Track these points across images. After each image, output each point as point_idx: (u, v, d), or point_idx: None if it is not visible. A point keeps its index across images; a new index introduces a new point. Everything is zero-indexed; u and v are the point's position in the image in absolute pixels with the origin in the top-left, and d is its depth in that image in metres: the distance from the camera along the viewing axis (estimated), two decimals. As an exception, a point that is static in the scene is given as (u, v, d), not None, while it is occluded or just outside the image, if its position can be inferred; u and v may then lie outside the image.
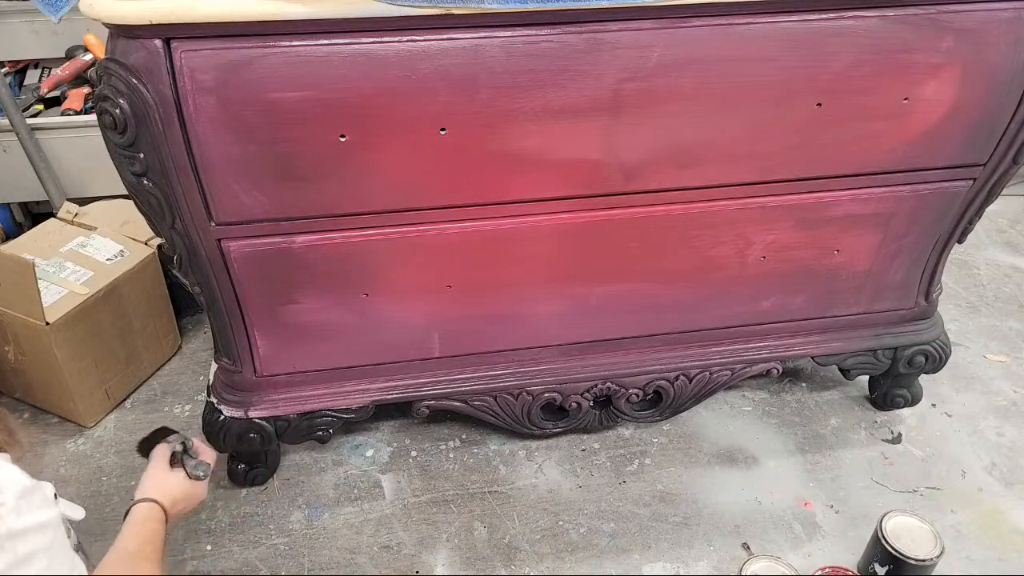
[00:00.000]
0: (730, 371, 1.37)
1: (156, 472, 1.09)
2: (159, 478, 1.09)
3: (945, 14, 1.02)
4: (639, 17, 0.95)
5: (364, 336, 1.21)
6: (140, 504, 1.03)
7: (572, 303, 1.25)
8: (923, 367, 1.44)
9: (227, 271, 1.08)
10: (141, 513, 1.02)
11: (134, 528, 0.99)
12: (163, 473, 1.09)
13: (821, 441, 1.47)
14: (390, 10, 0.88)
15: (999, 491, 1.38)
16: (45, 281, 1.41)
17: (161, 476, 1.09)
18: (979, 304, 1.82)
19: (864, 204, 1.21)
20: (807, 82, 1.05)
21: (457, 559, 1.26)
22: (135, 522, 1.01)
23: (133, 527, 1.00)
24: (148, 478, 1.08)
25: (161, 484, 1.08)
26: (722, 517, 1.32)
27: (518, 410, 1.34)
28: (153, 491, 1.06)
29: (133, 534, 0.98)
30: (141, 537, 0.98)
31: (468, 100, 0.97)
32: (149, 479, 1.08)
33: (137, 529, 0.99)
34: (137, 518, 1.01)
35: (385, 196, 1.05)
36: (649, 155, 1.08)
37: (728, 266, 1.24)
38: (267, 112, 0.93)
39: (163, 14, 0.84)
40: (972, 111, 1.12)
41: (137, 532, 0.98)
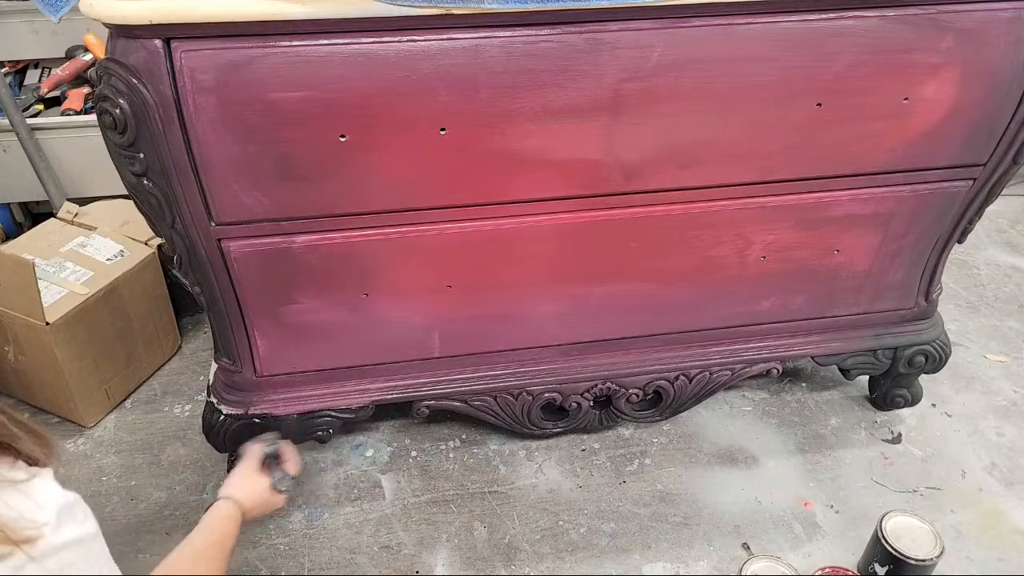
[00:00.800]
0: (730, 371, 1.37)
1: (245, 472, 1.11)
2: (246, 479, 1.10)
3: (945, 14, 1.02)
4: (639, 17, 0.95)
5: (364, 336, 1.21)
6: (222, 502, 1.04)
7: (572, 303, 1.25)
8: (923, 367, 1.44)
9: (227, 271, 1.08)
10: (220, 511, 1.03)
11: (209, 524, 1.01)
12: (251, 474, 1.11)
13: (821, 441, 1.47)
14: (390, 10, 0.88)
15: (999, 491, 1.38)
16: (45, 281, 1.41)
17: (248, 477, 1.10)
18: (979, 304, 1.82)
19: (864, 204, 1.21)
20: (807, 82, 1.05)
21: (457, 559, 1.26)
22: (212, 518, 1.02)
23: (208, 522, 1.01)
24: (236, 476, 1.10)
25: (246, 485, 1.09)
26: (722, 517, 1.32)
27: (518, 410, 1.34)
28: (237, 491, 1.07)
29: (207, 529, 0.99)
30: (212, 536, 0.99)
31: (468, 100, 0.97)
32: (236, 477, 1.10)
33: (211, 525, 1.00)
34: (215, 515, 1.03)
35: (385, 196, 1.05)
36: (649, 155, 1.08)
37: (728, 266, 1.24)
38: (267, 112, 0.93)
39: (163, 14, 0.84)
40: (972, 111, 1.12)
41: (210, 529, 1.00)
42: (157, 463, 1.41)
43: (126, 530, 1.29)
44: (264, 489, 1.10)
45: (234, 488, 1.07)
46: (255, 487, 1.10)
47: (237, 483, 1.08)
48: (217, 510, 1.03)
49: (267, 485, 1.11)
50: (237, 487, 1.08)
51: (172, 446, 1.44)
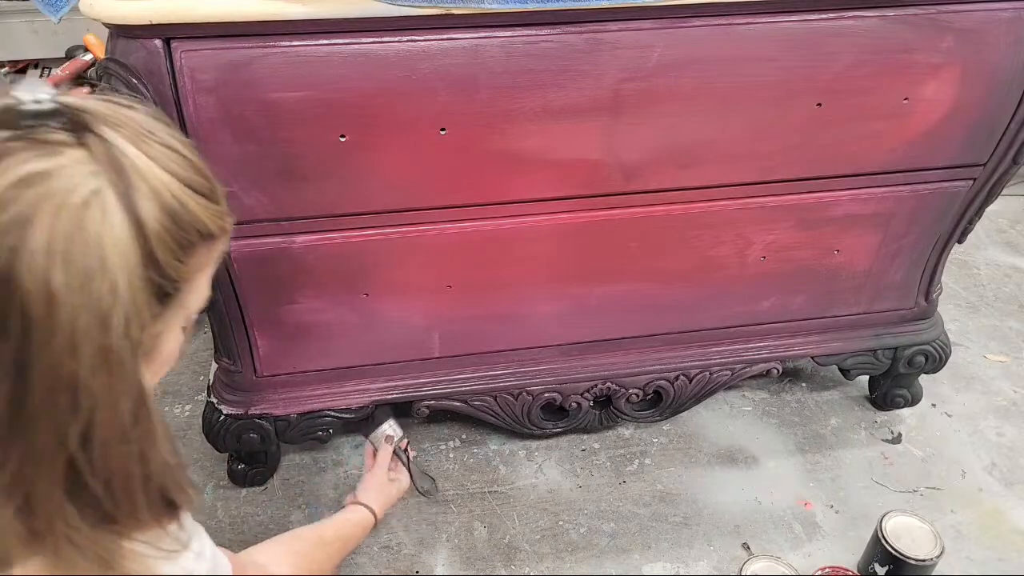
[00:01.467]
0: (730, 371, 1.37)
1: (381, 478, 1.11)
2: (384, 488, 1.11)
3: (945, 14, 1.02)
4: (639, 17, 0.96)
5: (364, 336, 1.21)
6: (363, 510, 1.05)
7: (572, 303, 1.25)
8: (923, 367, 1.44)
9: (227, 271, 1.08)
10: (358, 516, 1.04)
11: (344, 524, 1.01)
12: (387, 482, 1.12)
13: (821, 441, 1.47)
14: (390, 10, 0.88)
15: (999, 491, 1.38)
16: (45, 281, 1.40)
17: (386, 485, 1.11)
18: (979, 304, 1.82)
19: (864, 204, 1.21)
20: (807, 82, 1.05)
21: (457, 559, 1.26)
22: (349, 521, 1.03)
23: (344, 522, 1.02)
24: (374, 483, 1.10)
25: (383, 495, 1.10)
26: (722, 517, 1.32)
27: (518, 410, 1.34)
28: (376, 501, 1.08)
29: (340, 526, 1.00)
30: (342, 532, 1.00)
31: (468, 100, 0.97)
32: (376, 485, 1.10)
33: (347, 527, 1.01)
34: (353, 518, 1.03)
35: (385, 196, 1.05)
36: (649, 155, 1.08)
37: (728, 266, 1.24)
38: (267, 112, 0.93)
39: (163, 14, 0.84)
40: (972, 111, 1.12)
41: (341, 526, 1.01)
42: (157, 463, 1.41)
43: (126, 530, 1.29)
44: (395, 495, 1.12)
45: (373, 498, 1.07)
46: (390, 496, 1.11)
47: (376, 493, 1.08)
48: (356, 514, 1.04)
49: (396, 490, 1.12)
50: (376, 498, 1.08)
51: (172, 446, 1.44)
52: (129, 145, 0.51)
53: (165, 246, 0.52)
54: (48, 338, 0.46)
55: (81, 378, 0.47)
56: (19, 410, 0.47)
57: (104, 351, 0.48)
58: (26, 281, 0.45)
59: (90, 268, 0.47)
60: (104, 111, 0.52)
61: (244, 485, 1.35)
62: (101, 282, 0.47)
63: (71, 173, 0.47)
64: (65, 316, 0.46)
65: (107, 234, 0.47)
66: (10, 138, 0.48)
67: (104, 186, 0.48)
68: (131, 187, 0.49)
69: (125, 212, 0.49)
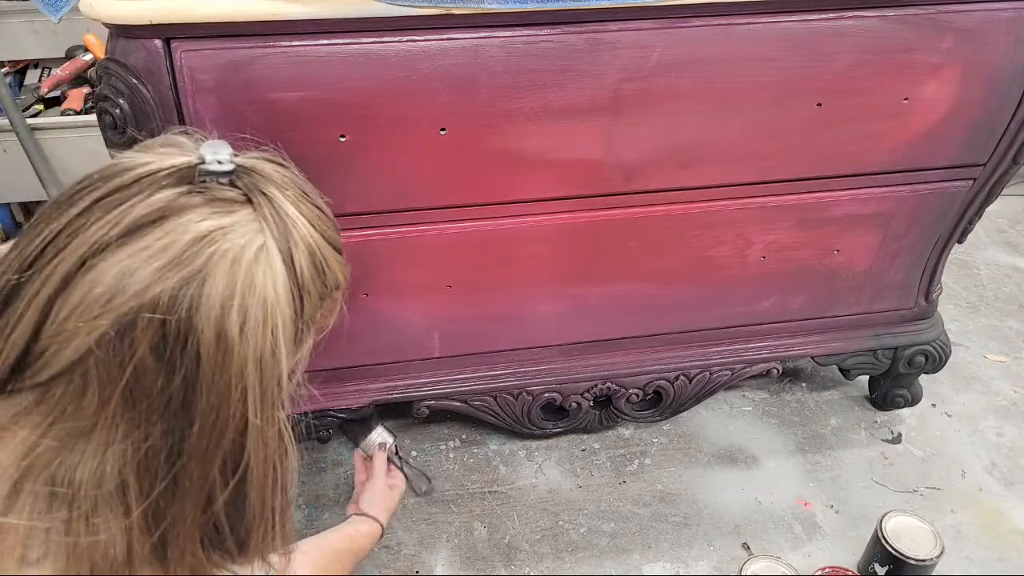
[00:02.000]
0: (730, 371, 1.37)
1: (381, 486, 1.11)
2: (386, 494, 1.11)
3: (945, 14, 1.02)
4: (639, 17, 0.95)
5: (364, 336, 1.21)
6: (371, 521, 1.05)
7: (572, 303, 1.25)
8: (923, 367, 1.44)
9: (227, 271, 1.08)
10: (366, 528, 1.04)
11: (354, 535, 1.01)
12: (386, 489, 1.11)
13: (821, 441, 1.47)
14: (390, 10, 0.88)
15: (999, 491, 1.38)
16: (45, 281, 1.40)
17: (386, 494, 1.11)
18: (979, 304, 1.82)
19: (864, 204, 1.21)
20: (807, 82, 1.05)
21: (457, 559, 1.26)
22: (358, 532, 1.02)
23: (354, 534, 1.01)
24: (375, 491, 1.10)
25: (385, 503, 1.09)
26: (722, 517, 1.32)
27: (518, 410, 1.34)
28: (379, 510, 1.07)
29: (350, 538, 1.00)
30: (354, 546, 1.00)
31: (468, 100, 0.97)
32: (378, 494, 1.10)
33: (357, 539, 1.01)
34: (362, 529, 1.03)
35: (385, 196, 1.05)
36: (649, 155, 1.08)
37: (728, 266, 1.24)
38: (267, 112, 0.93)
39: (163, 14, 0.84)
40: (972, 111, 1.12)
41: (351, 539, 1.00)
42: (157, 463, 1.41)
43: (126, 530, 1.29)
44: (396, 501, 1.11)
45: (377, 508, 1.07)
46: (391, 503, 1.10)
47: (378, 502, 1.08)
48: (365, 525, 1.04)
49: (396, 495, 1.12)
50: (379, 507, 1.07)
51: (172, 446, 1.44)
52: (290, 205, 0.56)
53: (311, 297, 0.58)
54: (216, 379, 0.50)
55: (249, 418, 0.52)
56: (179, 446, 0.51)
57: (265, 391, 0.53)
58: (203, 328, 0.50)
59: (258, 316, 0.52)
60: (270, 172, 0.57)
61: (244, 485, 1.35)
62: (267, 329, 0.52)
63: (243, 231, 0.52)
64: (236, 360, 0.51)
65: (271, 286, 0.53)
66: (188, 192, 0.52)
67: (270, 242, 0.53)
68: (292, 244, 0.55)
69: (286, 267, 0.54)
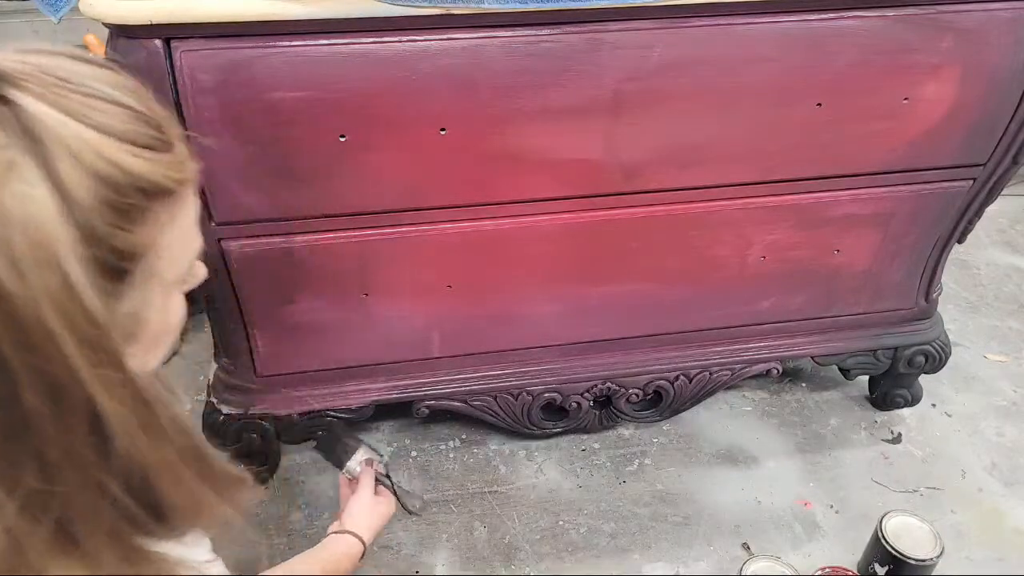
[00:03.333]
0: (730, 371, 1.37)
1: (368, 502, 0.98)
2: (371, 512, 0.98)
3: (945, 14, 1.02)
4: (639, 17, 0.95)
5: (364, 336, 1.21)
6: (350, 538, 0.93)
7: (572, 303, 1.25)
8: (923, 367, 1.44)
9: (227, 271, 1.08)
10: (345, 546, 0.91)
11: (332, 556, 0.90)
12: (374, 505, 0.98)
13: (821, 441, 1.47)
14: (390, 10, 0.88)
15: (999, 491, 1.38)
16: (45, 281, 1.40)
17: (371, 508, 0.98)
18: (979, 304, 1.82)
19: (864, 204, 1.21)
20: (807, 82, 1.05)
21: (457, 559, 1.26)
22: (338, 552, 0.91)
23: (332, 555, 0.90)
24: (361, 507, 0.97)
25: (373, 521, 0.97)
26: (722, 517, 1.32)
27: (518, 410, 1.34)
28: (366, 530, 0.95)
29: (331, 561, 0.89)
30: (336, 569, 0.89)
31: (468, 100, 0.97)
32: (363, 509, 0.97)
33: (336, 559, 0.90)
34: (340, 548, 0.91)
35: (385, 196, 1.05)
36: (649, 155, 1.08)
37: (728, 266, 1.24)
38: (267, 112, 0.93)
39: (163, 14, 0.84)
40: (972, 111, 1.12)
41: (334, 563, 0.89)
42: (157, 463, 1.41)
43: (126, 530, 1.29)
44: (383, 517, 0.99)
45: (362, 526, 0.95)
46: (380, 520, 0.98)
47: (364, 519, 0.96)
48: (343, 543, 0.92)
49: (383, 511, 1.00)
50: (365, 525, 0.95)
51: (172, 446, 1.44)
52: (42, 104, 0.43)
53: (102, 217, 0.44)
54: (14, 332, 0.41)
55: (79, 370, 0.42)
56: (21, 420, 0.43)
57: (83, 336, 0.42)
58: None
59: (27, 256, 0.40)
60: (9, 67, 0.43)
61: (244, 485, 1.35)
62: (45, 269, 0.41)
63: None
64: (24, 305, 0.40)
65: (32, 209, 0.41)
66: None
67: (19, 157, 0.41)
68: (50, 154, 0.42)
69: (48, 184, 0.41)
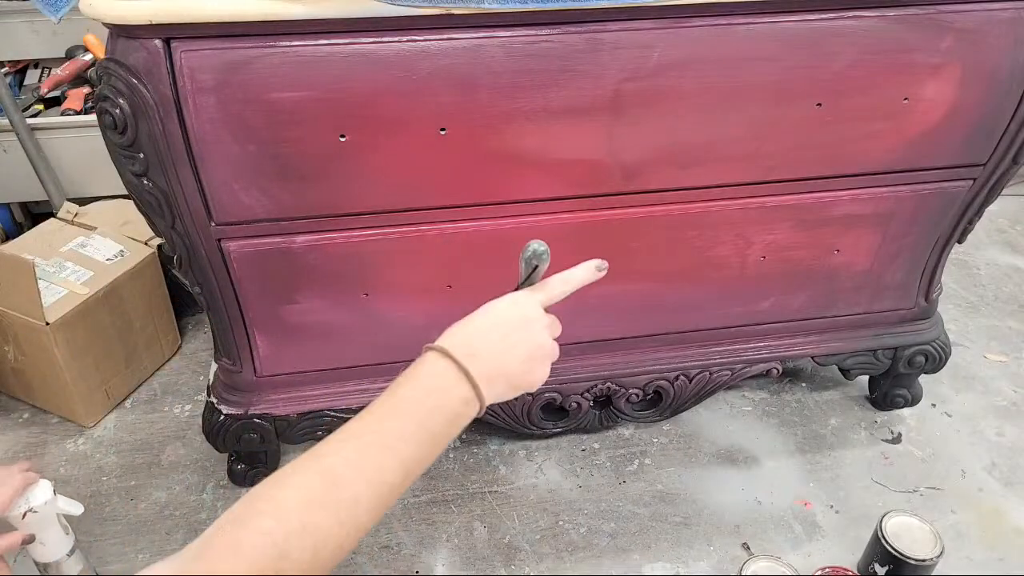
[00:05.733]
0: (730, 371, 1.37)
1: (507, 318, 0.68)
2: (499, 340, 0.66)
3: (945, 14, 1.02)
4: (639, 17, 0.95)
5: (364, 336, 1.21)
6: (467, 387, 0.63)
7: (572, 303, 1.24)
8: (923, 367, 1.44)
9: (227, 271, 1.08)
10: (459, 397, 0.62)
11: (437, 398, 0.61)
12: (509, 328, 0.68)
13: (821, 441, 1.46)
14: (390, 10, 0.88)
15: (999, 491, 1.38)
16: (45, 281, 1.41)
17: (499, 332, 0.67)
18: (979, 304, 1.82)
19: (864, 204, 1.21)
20: (807, 82, 1.05)
21: (457, 559, 1.25)
22: (422, 386, 0.62)
23: (434, 392, 0.62)
24: (483, 333, 0.69)
25: (506, 359, 0.66)
26: (722, 517, 1.32)
27: (518, 410, 1.34)
28: (493, 371, 0.65)
29: (435, 409, 0.60)
30: (436, 420, 0.61)
31: (468, 100, 0.97)
32: (483, 333, 0.69)
33: (442, 405, 0.61)
34: (455, 394, 0.62)
35: (385, 196, 1.05)
36: (649, 155, 1.08)
37: (728, 266, 1.24)
38: (267, 112, 0.93)
39: (163, 14, 0.84)
40: (972, 111, 1.12)
41: (439, 409, 0.61)
42: (157, 463, 1.41)
43: (126, 530, 1.29)
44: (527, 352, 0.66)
45: (484, 360, 0.64)
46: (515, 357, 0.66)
47: (487, 352, 0.65)
48: (457, 393, 0.63)
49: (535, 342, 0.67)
50: (488, 361, 0.64)
51: (172, 446, 1.44)
52: None
53: None
54: None
55: None
56: None
57: None
58: None
59: None
60: None
61: (244, 485, 1.35)
62: None
63: None
64: None
65: None
66: None
67: None
68: None
69: None
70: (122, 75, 0.89)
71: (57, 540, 1.09)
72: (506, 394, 0.68)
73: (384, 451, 0.59)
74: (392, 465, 0.59)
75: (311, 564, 0.54)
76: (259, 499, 0.55)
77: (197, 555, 0.53)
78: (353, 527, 0.56)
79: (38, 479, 1.03)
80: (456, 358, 0.65)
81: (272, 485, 0.57)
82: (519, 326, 0.71)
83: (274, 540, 0.53)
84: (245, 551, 0.52)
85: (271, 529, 0.53)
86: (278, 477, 0.57)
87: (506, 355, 0.68)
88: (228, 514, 0.55)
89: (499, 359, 0.67)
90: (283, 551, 0.53)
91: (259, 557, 0.52)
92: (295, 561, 0.53)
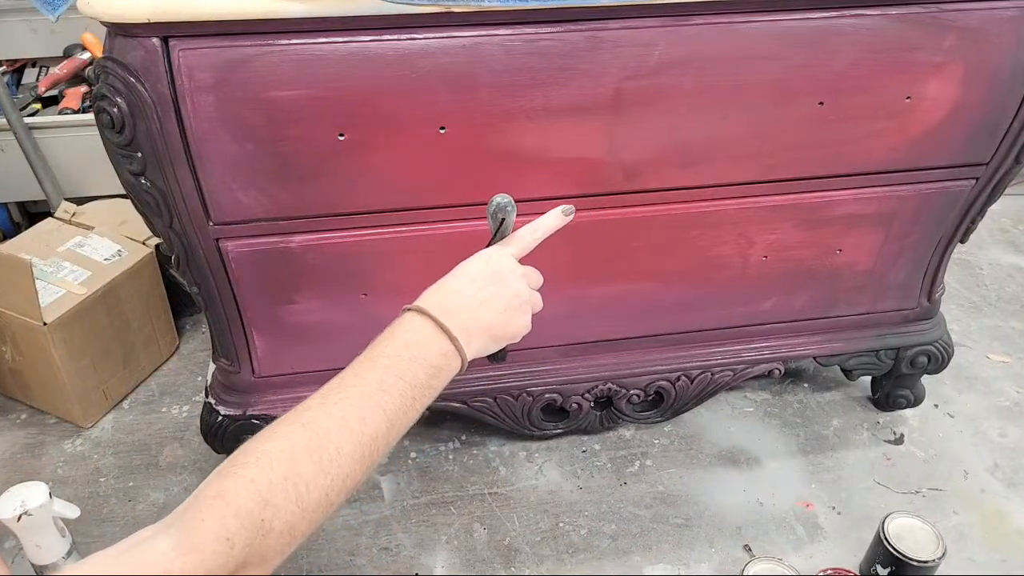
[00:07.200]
0: (732, 372, 1.37)
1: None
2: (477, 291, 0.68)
3: (947, 12, 1.01)
4: (640, 15, 0.95)
5: (363, 336, 1.19)
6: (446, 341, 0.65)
7: (572, 303, 1.24)
8: (925, 367, 1.44)
9: (225, 271, 1.07)
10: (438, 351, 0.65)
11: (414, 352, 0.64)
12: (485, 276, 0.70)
13: (823, 442, 1.46)
14: (390, 8, 0.87)
15: (1002, 492, 1.37)
16: (43, 281, 1.40)
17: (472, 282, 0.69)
18: (982, 304, 1.81)
19: (866, 204, 1.20)
20: (809, 81, 1.04)
21: (457, 561, 1.25)
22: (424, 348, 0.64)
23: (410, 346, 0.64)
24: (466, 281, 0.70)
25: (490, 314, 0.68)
26: (724, 518, 1.32)
27: (518, 411, 1.34)
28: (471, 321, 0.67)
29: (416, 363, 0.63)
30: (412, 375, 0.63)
31: (468, 99, 0.97)
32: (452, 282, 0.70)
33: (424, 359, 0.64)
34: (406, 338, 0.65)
35: (384, 195, 1.04)
36: (650, 154, 1.07)
37: (730, 266, 1.24)
38: (265, 111, 0.93)
39: (161, 12, 0.84)
40: (974, 110, 1.11)
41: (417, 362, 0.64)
42: (155, 464, 1.41)
43: (124, 532, 1.28)
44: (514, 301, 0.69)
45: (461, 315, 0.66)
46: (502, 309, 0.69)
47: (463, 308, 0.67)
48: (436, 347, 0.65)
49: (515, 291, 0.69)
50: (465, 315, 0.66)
51: (170, 447, 1.44)
52: None
53: None
54: None
55: None
56: None
57: None
58: None
59: None
60: None
61: (243, 486, 1.35)
62: None
63: None
64: None
65: None
66: None
67: None
68: None
69: None
70: (120, 74, 0.88)
71: (54, 543, 1.08)
72: (489, 347, 0.72)
73: (365, 401, 0.62)
74: (375, 415, 0.62)
75: (297, 511, 0.57)
76: (244, 453, 0.58)
77: (185, 508, 0.56)
78: (339, 476, 0.59)
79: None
80: (433, 315, 0.68)
81: (257, 439, 0.59)
82: (493, 279, 0.72)
83: (258, 488, 0.55)
84: (229, 499, 0.55)
85: (255, 477, 0.56)
86: (263, 432, 0.60)
87: (483, 308, 0.70)
88: (215, 471, 0.58)
89: (476, 312, 0.69)
90: (267, 499, 0.55)
91: (244, 503, 0.55)
92: (279, 508, 0.56)
